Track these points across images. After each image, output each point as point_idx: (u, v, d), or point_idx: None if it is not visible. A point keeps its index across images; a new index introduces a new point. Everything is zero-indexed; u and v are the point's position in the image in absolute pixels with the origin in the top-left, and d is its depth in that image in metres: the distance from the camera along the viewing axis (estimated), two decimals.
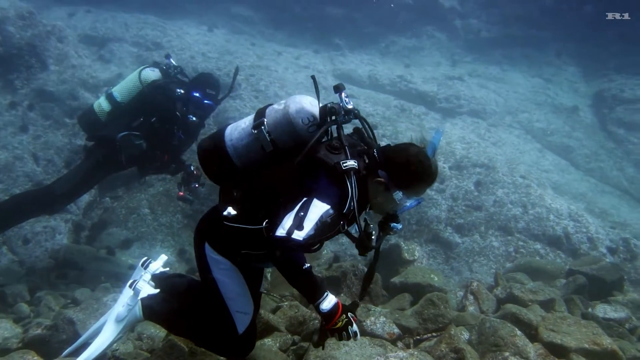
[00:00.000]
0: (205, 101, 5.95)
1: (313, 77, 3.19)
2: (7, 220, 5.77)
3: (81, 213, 7.79)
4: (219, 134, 3.21)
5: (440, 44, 16.67)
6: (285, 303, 4.90)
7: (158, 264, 3.60)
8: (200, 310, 3.50)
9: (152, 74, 5.78)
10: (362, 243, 2.97)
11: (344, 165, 2.82)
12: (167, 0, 14.92)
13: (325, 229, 2.84)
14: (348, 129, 3.20)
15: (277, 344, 4.13)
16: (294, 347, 4.14)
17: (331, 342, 3.87)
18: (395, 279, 5.79)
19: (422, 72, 14.50)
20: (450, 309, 4.79)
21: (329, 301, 2.74)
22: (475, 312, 5.29)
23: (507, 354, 3.81)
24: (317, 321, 4.31)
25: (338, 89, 3.08)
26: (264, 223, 2.94)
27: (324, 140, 3.09)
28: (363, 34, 16.37)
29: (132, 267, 7.02)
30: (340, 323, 2.74)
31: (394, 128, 10.30)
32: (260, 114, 3.12)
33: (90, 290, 5.78)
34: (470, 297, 5.50)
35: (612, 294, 6.22)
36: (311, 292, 2.78)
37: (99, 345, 3.21)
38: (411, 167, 2.94)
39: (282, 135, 3.05)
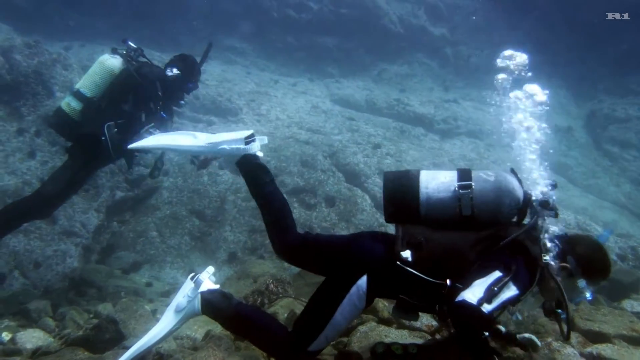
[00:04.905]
0: (190, 84, 6.05)
1: (512, 169, 3.23)
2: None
3: (90, 237, 7.71)
4: (413, 178, 3.17)
5: (431, 70, 17.00)
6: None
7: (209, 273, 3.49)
8: (261, 313, 3.48)
9: (115, 61, 5.49)
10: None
11: (544, 260, 2.91)
12: (159, 34, 15.07)
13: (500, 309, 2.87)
14: None
15: None
16: None
17: (374, 332, 3.86)
18: None
19: (417, 96, 14.75)
20: None
21: None
22: None
23: (550, 339, 3.79)
24: None
25: (555, 186, 3.15)
26: (447, 281, 2.93)
27: None
28: (355, 62, 16.68)
29: (150, 285, 7.00)
30: None
31: (397, 147, 10.42)
32: (465, 176, 3.12)
33: (112, 305, 5.67)
34: None
35: (629, 295, 6.24)
36: None
37: (155, 333, 3.12)
38: (599, 258, 3.03)
39: (484, 205, 3.05)
